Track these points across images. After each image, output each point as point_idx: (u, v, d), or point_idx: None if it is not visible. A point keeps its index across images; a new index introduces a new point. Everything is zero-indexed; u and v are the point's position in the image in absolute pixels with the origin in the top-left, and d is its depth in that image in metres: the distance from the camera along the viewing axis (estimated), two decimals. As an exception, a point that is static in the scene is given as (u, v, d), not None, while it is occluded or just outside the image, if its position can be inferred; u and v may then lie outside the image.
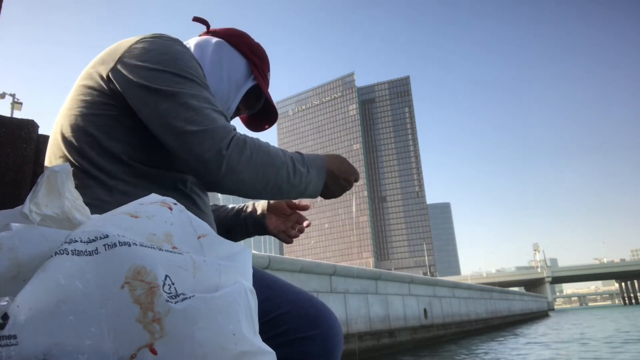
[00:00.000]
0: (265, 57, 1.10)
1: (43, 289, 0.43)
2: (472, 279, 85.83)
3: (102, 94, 0.86)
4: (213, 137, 0.80)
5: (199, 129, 0.80)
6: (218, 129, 0.81)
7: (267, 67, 1.11)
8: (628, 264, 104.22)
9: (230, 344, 0.47)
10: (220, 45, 1.05)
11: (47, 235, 0.49)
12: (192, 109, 0.81)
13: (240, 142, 0.82)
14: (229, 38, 1.06)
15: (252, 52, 1.07)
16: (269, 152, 0.86)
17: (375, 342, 8.39)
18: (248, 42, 1.08)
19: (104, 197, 0.82)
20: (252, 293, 0.53)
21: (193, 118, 0.81)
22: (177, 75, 0.84)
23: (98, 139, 0.84)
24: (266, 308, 0.85)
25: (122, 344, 0.43)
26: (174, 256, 0.50)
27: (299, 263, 6.80)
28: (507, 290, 26.59)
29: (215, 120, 0.82)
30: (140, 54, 0.86)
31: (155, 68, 0.84)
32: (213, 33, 1.08)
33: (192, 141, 0.80)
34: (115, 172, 0.84)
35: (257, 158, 0.83)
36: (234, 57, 1.05)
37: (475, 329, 15.36)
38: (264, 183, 0.85)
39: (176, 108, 0.81)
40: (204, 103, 0.83)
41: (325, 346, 0.86)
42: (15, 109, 19.28)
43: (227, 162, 0.80)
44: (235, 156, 0.81)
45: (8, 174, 1.07)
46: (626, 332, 11.38)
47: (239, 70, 1.05)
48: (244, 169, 0.82)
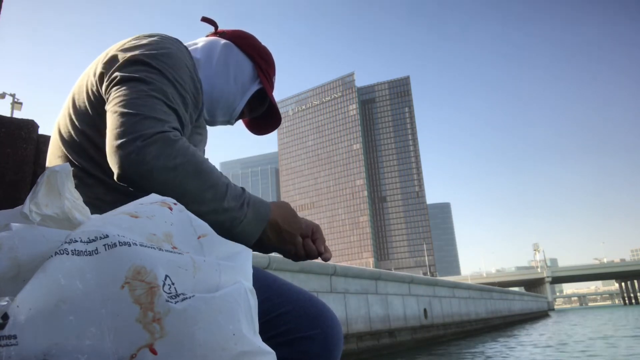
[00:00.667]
0: (272, 61, 1.11)
1: (43, 289, 0.43)
2: (472, 279, 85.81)
3: (96, 92, 0.86)
4: (140, 123, 0.73)
5: (131, 112, 0.74)
6: (151, 119, 0.74)
7: (273, 71, 1.11)
8: (628, 264, 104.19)
9: (230, 344, 0.47)
10: (228, 47, 1.05)
11: (47, 235, 0.49)
12: (138, 94, 0.77)
13: (169, 139, 0.73)
14: (236, 40, 1.07)
15: (259, 56, 1.07)
16: (199, 165, 0.75)
17: (375, 342, 8.39)
18: (255, 45, 1.08)
19: (103, 196, 0.82)
20: (252, 293, 0.53)
21: (133, 101, 0.76)
22: (148, 64, 0.82)
23: (96, 140, 0.84)
24: (266, 308, 0.85)
25: (122, 344, 0.43)
26: (174, 256, 0.50)
27: (299, 263, 6.79)
28: (507, 290, 26.59)
29: (155, 110, 0.76)
30: (128, 50, 0.86)
31: (132, 59, 0.83)
32: (221, 34, 1.08)
33: (118, 123, 0.74)
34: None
35: (180, 163, 0.73)
36: (241, 60, 1.05)
37: (475, 329, 15.36)
38: (177, 194, 0.72)
39: (124, 91, 0.78)
40: (159, 94, 0.78)
41: (326, 346, 0.86)
42: (15, 109, 19.27)
43: (139, 151, 0.71)
44: (153, 150, 0.71)
45: (8, 174, 1.07)
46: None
47: (246, 73, 1.05)
48: (157, 167, 0.71)
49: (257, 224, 0.81)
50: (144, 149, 0.71)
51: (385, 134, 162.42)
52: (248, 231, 0.80)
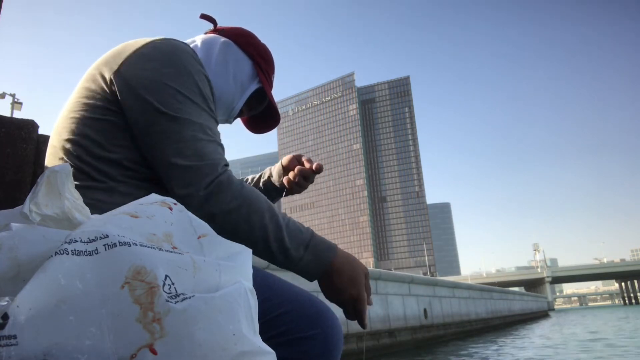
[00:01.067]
0: (271, 60, 1.10)
1: (43, 289, 0.43)
2: (472, 279, 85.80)
3: (104, 98, 0.85)
4: (197, 174, 0.80)
5: (184, 164, 0.80)
6: (204, 167, 0.80)
7: (272, 70, 1.10)
8: (628, 264, 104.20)
9: (230, 344, 0.47)
10: (227, 45, 1.04)
11: (47, 235, 0.49)
12: (184, 140, 0.80)
13: (223, 184, 0.80)
14: (236, 38, 1.06)
15: (259, 54, 1.06)
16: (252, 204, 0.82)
17: (375, 342, 8.39)
18: (255, 43, 1.07)
19: (103, 198, 0.81)
20: (252, 293, 0.53)
21: (182, 151, 0.80)
22: (180, 93, 0.83)
23: (99, 144, 0.84)
24: (266, 308, 0.85)
25: (122, 344, 0.43)
26: (174, 256, 0.50)
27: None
28: (507, 290, 26.60)
29: (204, 156, 0.81)
30: (146, 60, 0.84)
31: (159, 80, 0.82)
32: (220, 32, 1.07)
33: (174, 175, 0.80)
34: (116, 175, 0.83)
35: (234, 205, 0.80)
36: (240, 59, 1.04)
37: (475, 329, 15.36)
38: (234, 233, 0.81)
39: (170, 135, 0.80)
40: (200, 133, 0.82)
41: (326, 346, 0.86)
42: (15, 109, 19.27)
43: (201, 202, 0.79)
44: (212, 199, 0.79)
45: (8, 174, 1.07)
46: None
47: (245, 71, 1.04)
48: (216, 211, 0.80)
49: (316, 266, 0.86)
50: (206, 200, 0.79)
51: (385, 134, 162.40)
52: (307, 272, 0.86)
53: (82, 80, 0.90)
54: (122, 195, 0.82)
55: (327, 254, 0.87)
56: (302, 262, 0.85)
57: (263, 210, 0.83)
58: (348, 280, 0.87)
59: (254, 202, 0.82)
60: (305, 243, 0.85)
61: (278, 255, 0.83)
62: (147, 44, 0.87)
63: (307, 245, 0.86)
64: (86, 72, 0.91)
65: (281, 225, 0.84)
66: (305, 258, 0.85)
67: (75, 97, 0.89)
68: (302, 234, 0.86)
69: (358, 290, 0.88)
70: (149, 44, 0.87)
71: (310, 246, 0.86)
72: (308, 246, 0.86)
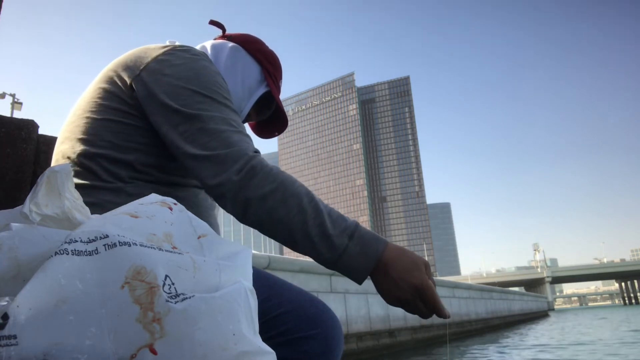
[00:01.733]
0: (279, 65, 1.12)
1: (43, 289, 0.43)
2: (472, 279, 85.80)
3: (123, 101, 0.86)
4: (225, 162, 0.78)
5: (211, 154, 0.79)
6: (231, 153, 0.79)
7: (279, 75, 1.12)
8: (628, 264, 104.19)
9: (230, 344, 0.47)
10: (235, 50, 1.06)
11: (47, 235, 0.49)
12: (209, 134, 0.80)
13: (255, 168, 0.78)
14: (244, 44, 1.07)
15: (267, 60, 1.08)
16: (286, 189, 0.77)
17: (375, 342, 8.39)
18: (263, 49, 1.09)
19: (110, 198, 0.82)
20: (252, 293, 0.53)
21: (208, 144, 0.80)
22: (200, 94, 0.84)
23: (113, 145, 0.85)
24: (266, 308, 0.85)
25: (122, 344, 0.43)
26: (174, 256, 0.50)
27: (299, 263, 6.79)
28: (507, 290, 26.59)
29: (230, 143, 0.80)
30: (166, 67, 0.86)
31: (178, 85, 0.84)
32: (228, 37, 1.09)
33: (204, 166, 0.79)
34: (125, 176, 0.84)
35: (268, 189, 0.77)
36: (248, 63, 1.06)
37: (475, 329, 15.36)
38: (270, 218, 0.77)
39: (194, 132, 0.81)
40: (223, 125, 0.82)
41: (326, 346, 0.86)
42: (15, 109, 19.27)
43: (235, 188, 0.77)
44: (245, 183, 0.77)
45: (8, 174, 1.07)
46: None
47: (253, 76, 1.06)
48: (251, 197, 0.76)
49: (364, 261, 0.76)
50: (239, 182, 0.77)
51: (385, 134, 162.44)
52: (354, 267, 0.77)
53: (97, 81, 0.91)
54: (129, 196, 0.82)
55: (376, 245, 0.77)
56: (346, 253, 0.76)
57: (301, 193, 0.78)
58: (405, 271, 0.76)
59: (291, 185, 0.78)
60: (349, 231, 0.77)
61: (319, 243, 0.75)
62: (167, 51, 0.89)
63: (352, 235, 0.77)
64: (101, 73, 0.92)
65: (321, 209, 0.77)
66: (351, 249, 0.76)
67: (91, 97, 0.89)
68: (346, 222, 0.78)
69: (421, 279, 0.76)
70: (169, 50, 0.89)
71: (355, 236, 0.77)
72: (353, 235, 0.77)
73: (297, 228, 0.76)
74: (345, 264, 0.77)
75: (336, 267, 0.77)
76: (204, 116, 0.82)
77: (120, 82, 0.87)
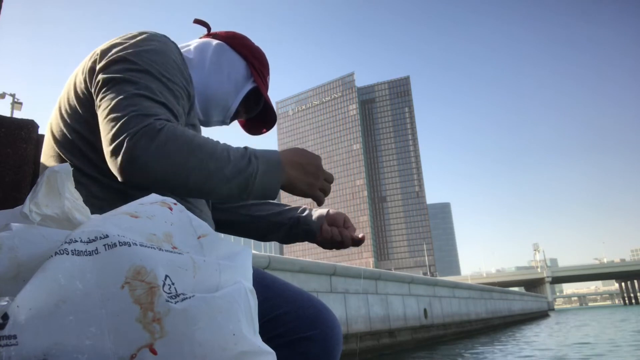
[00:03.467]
0: (265, 61, 1.11)
1: (43, 289, 0.43)
2: (472, 279, 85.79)
3: (85, 90, 0.86)
4: (127, 124, 0.73)
5: (117, 115, 0.74)
6: (136, 116, 0.74)
7: (266, 71, 1.11)
8: (628, 264, 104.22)
9: (230, 344, 0.47)
10: (220, 47, 1.05)
11: (47, 235, 0.49)
12: (124, 95, 0.77)
13: (154, 129, 0.73)
14: (229, 40, 1.07)
15: (252, 55, 1.08)
16: (192, 141, 0.75)
17: (375, 342, 8.39)
18: (248, 45, 1.08)
19: (98, 194, 0.83)
20: (252, 293, 0.53)
21: (119, 104, 0.76)
22: (133, 62, 0.82)
23: (89, 139, 0.85)
24: (265, 308, 0.85)
25: (122, 344, 0.43)
26: (174, 256, 0.50)
27: (299, 263, 6.80)
28: (507, 290, 26.61)
29: (141, 107, 0.75)
30: (114, 49, 0.86)
31: (117, 58, 0.83)
32: (214, 36, 1.09)
33: (107, 128, 0.75)
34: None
35: (172, 146, 0.72)
36: (234, 60, 1.05)
37: (475, 329, 15.36)
38: (181, 175, 0.73)
39: (111, 94, 0.78)
40: (142, 90, 0.78)
41: (325, 346, 0.86)
42: (15, 109, 19.29)
43: (129, 150, 0.71)
44: (142, 144, 0.71)
45: (8, 174, 1.07)
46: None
47: (239, 72, 1.05)
48: (150, 158, 0.71)
49: (274, 170, 0.79)
50: (134, 146, 0.71)
51: (385, 134, 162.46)
52: (269, 181, 0.79)
53: (69, 79, 0.92)
54: (117, 191, 0.83)
55: (272, 154, 0.81)
56: (259, 175, 0.78)
57: (205, 141, 0.76)
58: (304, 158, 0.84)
59: (193, 137, 0.75)
60: (250, 155, 0.79)
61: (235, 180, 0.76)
62: (122, 36, 0.90)
63: (255, 156, 0.79)
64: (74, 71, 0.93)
65: (227, 147, 0.78)
66: (261, 169, 0.78)
67: (64, 94, 0.91)
68: (242, 149, 0.80)
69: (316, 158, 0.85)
70: (124, 35, 0.90)
71: (258, 155, 0.79)
72: (256, 157, 0.79)
73: (214, 175, 0.75)
74: (260, 184, 0.78)
75: (252, 193, 0.78)
76: (128, 79, 0.79)
77: (81, 74, 0.87)
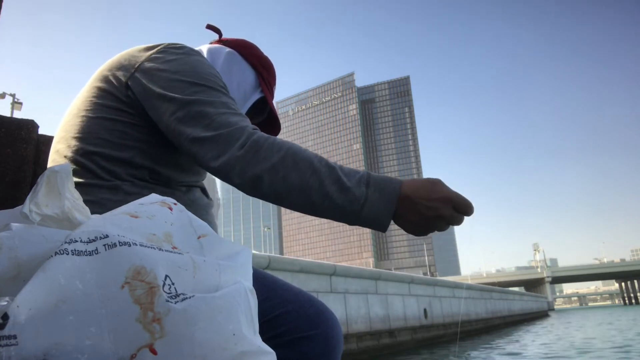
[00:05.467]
0: (273, 71, 1.13)
1: (43, 289, 0.43)
2: (472, 279, 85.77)
3: (119, 99, 0.87)
4: (228, 140, 0.78)
5: (215, 134, 0.79)
6: (234, 131, 0.78)
7: (273, 81, 1.13)
8: (628, 264, 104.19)
9: (230, 344, 0.47)
10: (231, 55, 1.07)
11: (47, 235, 0.49)
12: (208, 116, 0.80)
13: (258, 141, 0.77)
14: (240, 49, 1.09)
15: (261, 65, 1.10)
16: (296, 154, 0.76)
17: (375, 342, 8.39)
18: (258, 54, 1.11)
19: (108, 196, 0.82)
20: (252, 293, 0.53)
21: (209, 125, 0.80)
22: (196, 84, 0.85)
23: (109, 144, 0.85)
24: (265, 308, 0.85)
25: (122, 344, 0.43)
26: (174, 256, 0.50)
27: (299, 263, 6.80)
28: (507, 290, 26.60)
29: (231, 123, 0.80)
30: (160, 63, 0.87)
31: (174, 78, 0.85)
32: (225, 42, 1.10)
33: (208, 147, 0.79)
34: (123, 174, 0.85)
35: (276, 158, 0.76)
36: (244, 69, 1.07)
37: (475, 329, 15.37)
38: (285, 186, 0.75)
39: (193, 116, 0.81)
40: (221, 108, 0.82)
41: (325, 346, 0.86)
42: (15, 109, 19.28)
43: (240, 163, 0.76)
44: (250, 156, 0.76)
45: (8, 174, 1.07)
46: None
47: (248, 81, 1.07)
48: (258, 169, 0.75)
49: (385, 203, 0.74)
50: (244, 158, 0.76)
51: (385, 134, 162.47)
52: (377, 212, 0.74)
53: (92, 80, 0.92)
54: (127, 194, 0.83)
55: (392, 185, 0.75)
56: (368, 201, 0.73)
57: (309, 156, 0.76)
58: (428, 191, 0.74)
59: (298, 150, 0.77)
60: (365, 180, 0.75)
61: (339, 199, 0.73)
62: (161, 49, 0.91)
63: (368, 182, 0.75)
64: (97, 72, 0.93)
65: (333, 166, 0.76)
66: (371, 196, 0.73)
67: (86, 96, 0.90)
68: (359, 172, 0.76)
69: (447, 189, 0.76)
70: (162, 48, 0.91)
71: (371, 182, 0.75)
72: (369, 183, 0.75)
73: (315, 189, 0.74)
74: (368, 212, 0.74)
75: (359, 218, 0.75)
76: (202, 101, 0.82)
77: (115, 81, 0.87)
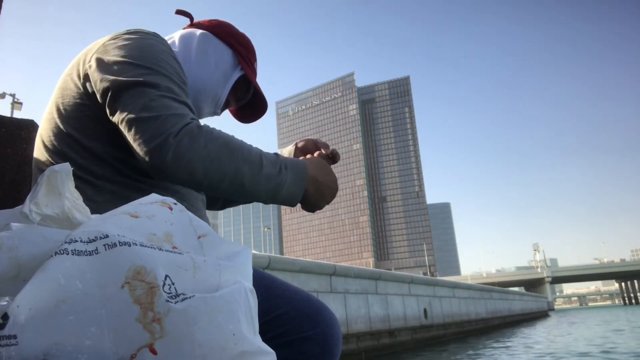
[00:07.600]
0: (251, 47, 1.09)
1: (43, 289, 0.43)
2: (472, 279, 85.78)
3: (79, 94, 0.85)
4: (164, 123, 0.75)
5: (151, 115, 0.76)
6: (172, 116, 0.77)
7: (253, 57, 1.09)
8: (628, 264, 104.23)
9: (230, 344, 0.47)
10: (205, 37, 1.04)
11: (47, 235, 0.49)
12: (148, 97, 0.78)
13: (194, 129, 0.77)
14: (213, 29, 1.05)
15: (238, 42, 1.06)
16: (229, 143, 0.80)
17: (375, 342, 8.39)
18: (233, 32, 1.07)
19: (94, 197, 0.81)
20: (252, 293, 0.53)
21: (148, 105, 0.77)
22: (142, 66, 0.82)
23: (79, 141, 0.84)
24: (265, 308, 0.85)
25: (122, 344, 0.43)
26: (174, 256, 0.50)
27: (299, 263, 6.80)
28: (507, 290, 26.61)
29: (171, 107, 0.78)
30: (112, 49, 0.85)
31: (120, 61, 0.82)
32: (197, 25, 1.07)
33: (142, 128, 0.76)
34: (101, 172, 0.83)
35: (212, 147, 0.77)
36: (219, 48, 1.04)
37: (475, 329, 15.36)
38: (219, 175, 0.77)
39: (132, 95, 0.78)
40: (165, 92, 0.80)
41: (325, 346, 0.86)
42: (15, 109, 19.28)
43: (175, 149, 0.74)
44: (185, 143, 0.75)
45: (8, 174, 1.07)
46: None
47: (226, 61, 1.04)
48: (194, 157, 0.75)
49: (297, 184, 0.85)
50: (178, 145, 0.75)
51: (385, 134, 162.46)
52: (293, 193, 0.85)
53: (60, 82, 0.91)
54: (111, 193, 0.82)
55: (301, 166, 0.87)
56: (287, 183, 0.83)
57: (241, 144, 0.81)
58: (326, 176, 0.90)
59: (231, 139, 0.81)
60: (282, 164, 0.84)
61: (268, 184, 0.82)
62: (114, 36, 0.89)
63: (285, 165, 0.84)
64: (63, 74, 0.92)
65: (259, 152, 0.83)
66: (290, 178, 0.84)
67: (53, 98, 0.90)
68: (275, 155, 0.85)
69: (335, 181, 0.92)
70: (116, 36, 0.89)
71: (288, 165, 0.85)
72: (286, 165, 0.84)
73: (247, 177, 0.79)
74: (286, 194, 0.84)
75: (277, 199, 0.84)
76: (145, 82, 0.80)
77: (75, 76, 0.87)
